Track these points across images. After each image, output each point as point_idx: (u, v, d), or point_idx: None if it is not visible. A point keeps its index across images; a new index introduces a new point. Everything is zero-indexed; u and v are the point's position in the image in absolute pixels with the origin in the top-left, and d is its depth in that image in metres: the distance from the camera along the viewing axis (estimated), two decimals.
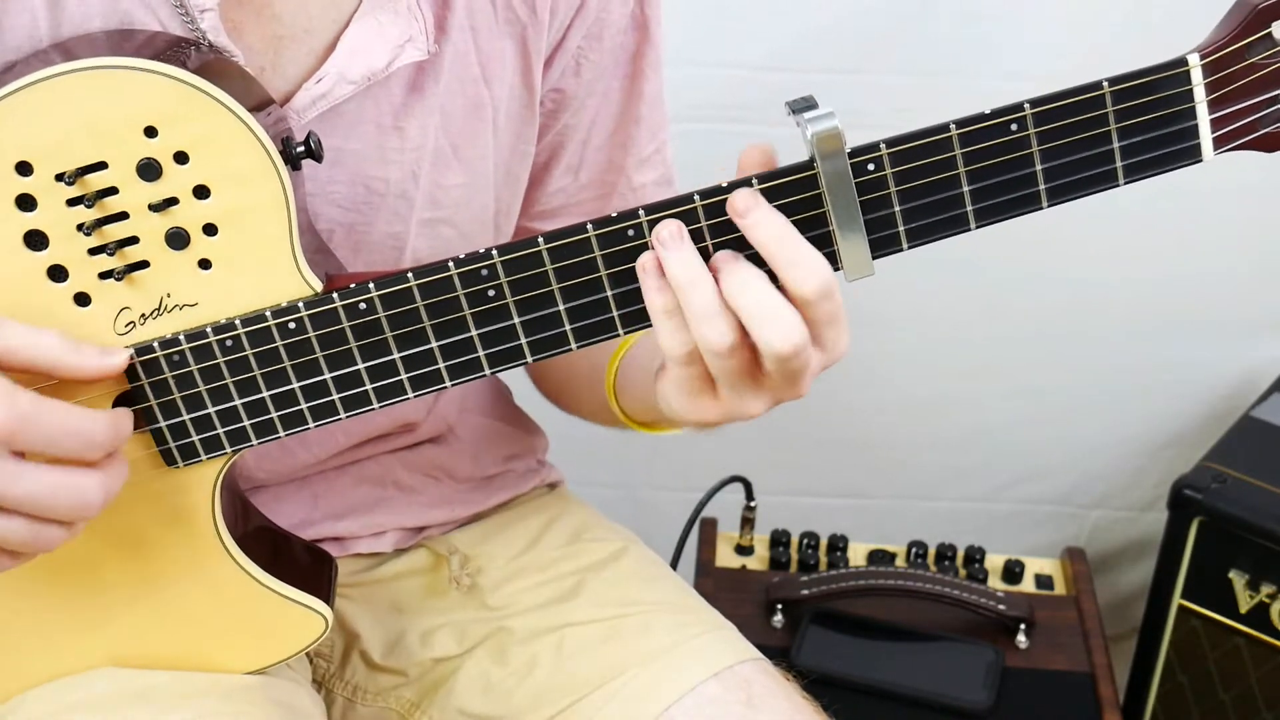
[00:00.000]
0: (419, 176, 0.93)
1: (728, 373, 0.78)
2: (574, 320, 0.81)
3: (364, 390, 0.82)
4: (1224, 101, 0.77)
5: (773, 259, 0.77)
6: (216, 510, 0.86)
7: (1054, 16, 1.55)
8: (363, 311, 0.80)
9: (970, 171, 0.77)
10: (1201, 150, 0.78)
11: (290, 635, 0.91)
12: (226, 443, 0.84)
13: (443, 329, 0.81)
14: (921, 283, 1.66)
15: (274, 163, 0.78)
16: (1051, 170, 0.77)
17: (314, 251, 0.83)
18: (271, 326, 0.80)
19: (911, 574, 1.50)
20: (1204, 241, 1.66)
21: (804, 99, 0.77)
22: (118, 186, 0.77)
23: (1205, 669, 1.53)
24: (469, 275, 0.79)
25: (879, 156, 0.76)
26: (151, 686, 0.90)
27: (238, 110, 0.76)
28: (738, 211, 0.76)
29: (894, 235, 0.78)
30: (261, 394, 0.82)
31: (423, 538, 1.10)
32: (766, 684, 0.96)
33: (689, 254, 0.77)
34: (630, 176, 1.04)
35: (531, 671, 0.99)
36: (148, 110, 0.76)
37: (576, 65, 0.99)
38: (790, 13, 1.55)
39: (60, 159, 0.76)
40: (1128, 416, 1.80)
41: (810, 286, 0.76)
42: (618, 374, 0.97)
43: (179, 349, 0.81)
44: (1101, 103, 0.76)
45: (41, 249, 0.78)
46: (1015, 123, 0.76)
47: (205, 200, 0.78)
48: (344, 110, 0.89)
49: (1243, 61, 0.76)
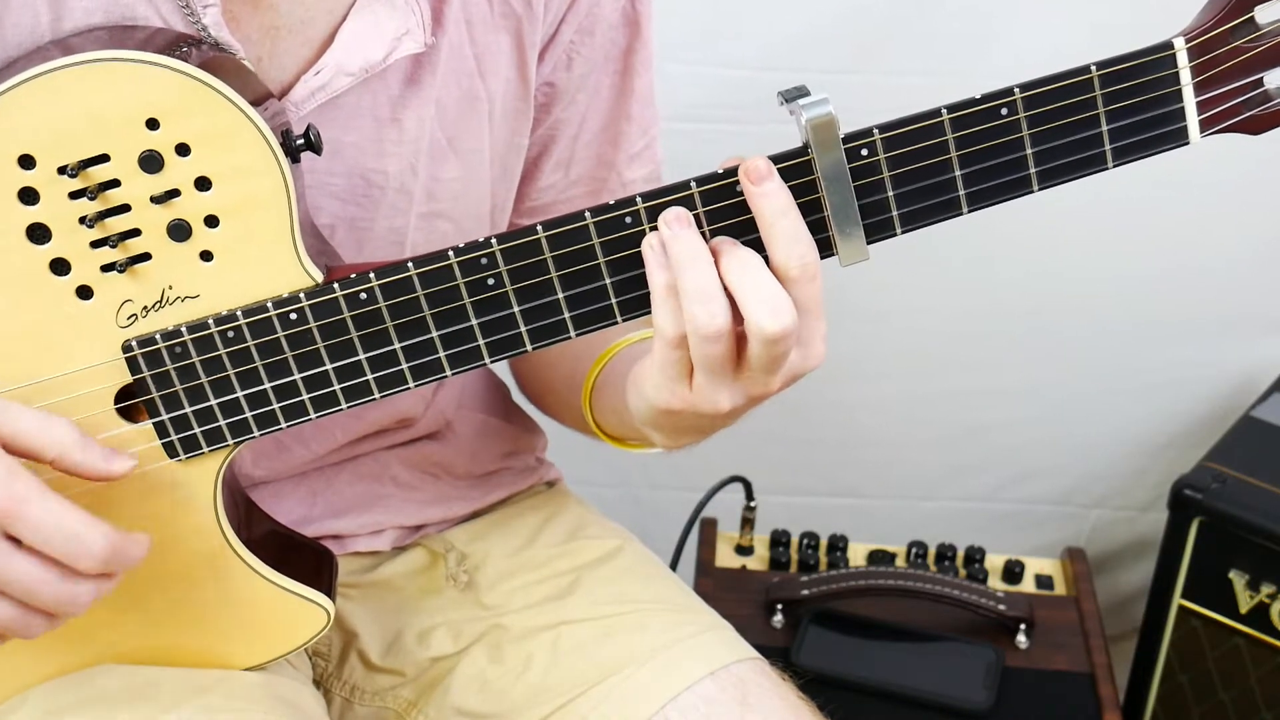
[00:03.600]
0: (417, 170, 0.94)
1: (709, 359, 0.78)
2: (573, 308, 0.81)
3: (365, 380, 0.83)
4: (1210, 84, 0.78)
5: (772, 231, 0.77)
6: (219, 503, 0.87)
7: (1053, 16, 1.55)
8: (363, 301, 0.81)
9: (962, 156, 0.78)
10: (1188, 132, 0.79)
11: (292, 630, 0.92)
12: (229, 434, 0.84)
13: (443, 318, 0.81)
14: (921, 282, 1.66)
15: (275, 155, 0.78)
16: (1041, 154, 0.78)
17: (314, 243, 0.84)
18: (273, 317, 0.81)
19: (911, 574, 1.50)
20: (1204, 241, 1.66)
21: (796, 88, 0.78)
22: (120, 179, 0.78)
23: (1205, 669, 1.53)
24: (469, 264, 0.80)
25: (872, 142, 0.77)
26: (155, 682, 0.90)
27: (239, 103, 0.77)
28: (753, 178, 0.77)
29: (888, 220, 0.79)
30: (263, 385, 0.83)
31: (420, 536, 1.11)
32: (762, 683, 0.96)
33: (691, 234, 0.78)
34: (620, 172, 1.05)
35: (527, 669, 0.99)
36: (149, 103, 0.76)
37: (568, 59, 0.99)
38: (787, 13, 1.55)
39: (62, 152, 0.77)
40: (1128, 416, 1.80)
41: (803, 264, 0.77)
42: (595, 385, 0.97)
43: (181, 341, 0.81)
44: (1089, 86, 0.77)
45: (44, 242, 0.79)
46: (1005, 107, 0.77)
47: (207, 192, 0.79)
48: (342, 103, 0.90)
49: (1227, 45, 0.77)
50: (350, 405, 0.84)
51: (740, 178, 0.78)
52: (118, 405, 0.84)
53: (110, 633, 0.90)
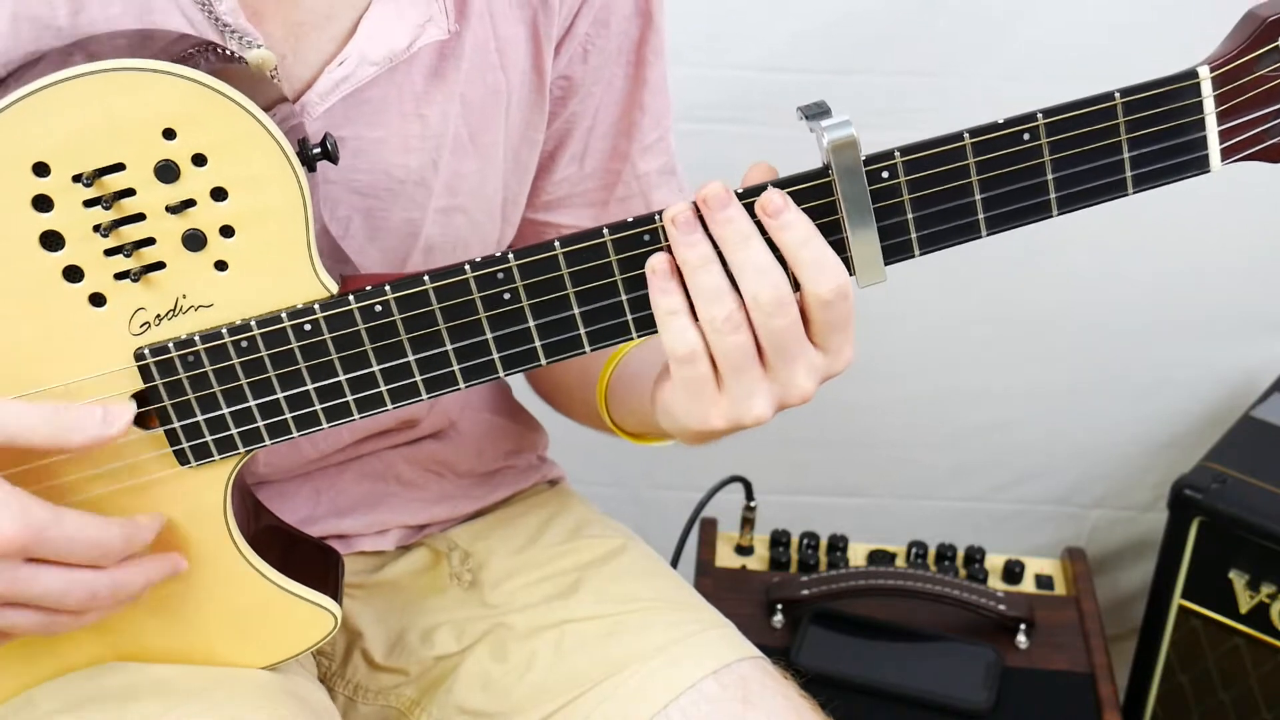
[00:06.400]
0: (439, 164, 0.94)
1: (731, 351, 0.79)
2: (588, 324, 0.81)
3: (378, 392, 0.83)
4: (1232, 113, 0.78)
5: (796, 260, 0.78)
6: (228, 509, 0.87)
7: (1052, 17, 1.55)
8: (378, 314, 0.80)
9: (983, 180, 0.78)
10: (1209, 161, 0.79)
11: (299, 633, 0.92)
12: (240, 443, 0.84)
13: (458, 331, 0.81)
14: (921, 282, 1.65)
15: (292, 165, 0.78)
16: (1062, 179, 0.78)
17: (328, 254, 0.84)
18: (287, 328, 0.81)
19: (911, 574, 1.50)
20: (1204, 241, 1.66)
21: (817, 104, 0.78)
22: (135, 188, 0.77)
23: (1205, 669, 1.53)
24: (485, 278, 0.80)
25: (893, 164, 0.77)
26: (163, 679, 0.90)
27: (256, 113, 0.76)
28: (769, 212, 0.78)
29: (906, 242, 0.79)
30: (276, 395, 0.83)
31: (424, 535, 1.11)
32: (764, 682, 0.97)
33: (699, 238, 0.78)
34: (635, 164, 1.05)
35: (531, 668, 1.00)
36: (167, 112, 0.76)
37: (584, 52, 0.99)
38: (790, 13, 1.55)
39: (78, 160, 0.76)
40: (1128, 416, 1.80)
41: (830, 288, 0.78)
42: (610, 383, 0.97)
43: (194, 350, 0.81)
44: (1113, 113, 0.77)
45: (58, 249, 0.78)
46: (1028, 132, 0.77)
47: (223, 202, 0.78)
48: (368, 98, 0.89)
49: (1252, 74, 0.77)
50: (363, 415, 0.84)
51: (757, 212, 0.78)
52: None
53: (117, 634, 0.90)
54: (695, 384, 0.81)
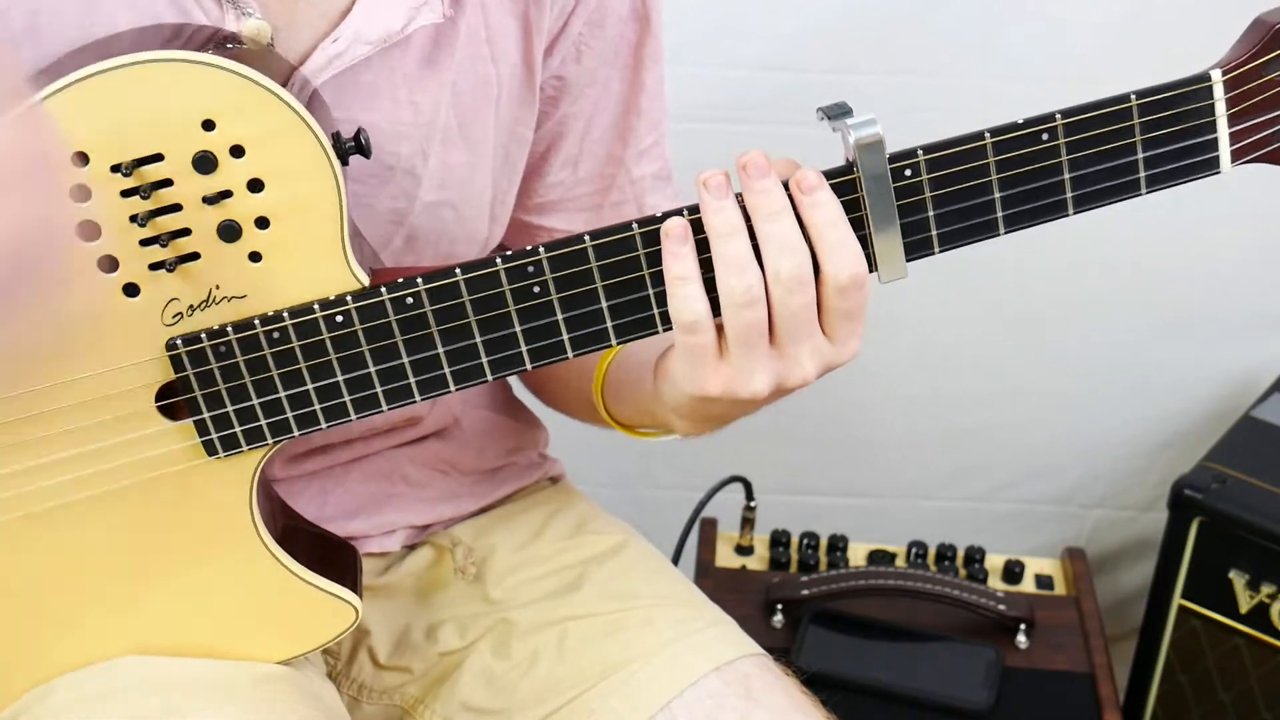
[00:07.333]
0: (428, 155, 0.94)
1: (744, 324, 0.79)
2: (615, 317, 0.82)
3: (407, 383, 0.84)
4: (1243, 116, 0.80)
5: (822, 240, 0.79)
6: (253, 501, 0.87)
7: (1052, 16, 1.55)
8: (409, 306, 0.81)
9: (1002, 179, 0.80)
10: (1220, 162, 0.81)
11: (320, 626, 0.92)
12: (269, 434, 0.85)
13: (487, 324, 0.82)
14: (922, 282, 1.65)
15: (329, 158, 0.79)
16: (1079, 179, 0.80)
17: (359, 246, 0.84)
18: (319, 319, 0.82)
19: (911, 574, 1.50)
20: (1204, 241, 1.66)
21: (838, 105, 0.80)
22: (172, 179, 0.78)
23: (1205, 669, 1.53)
24: (515, 271, 0.81)
25: (916, 163, 0.79)
26: (180, 674, 0.90)
27: (295, 106, 0.77)
28: (803, 188, 0.79)
29: (927, 239, 0.81)
30: (306, 386, 0.83)
31: (429, 534, 1.11)
32: (766, 679, 0.97)
33: (729, 204, 0.79)
34: (629, 169, 1.05)
35: (534, 665, 1.00)
36: (206, 104, 0.77)
37: (578, 52, 0.99)
38: (789, 12, 1.55)
39: (117, 150, 0.77)
40: (1128, 416, 1.79)
41: (851, 273, 0.79)
42: (607, 373, 0.98)
43: (226, 340, 0.82)
44: (1129, 114, 0.79)
45: (94, 239, 0.79)
46: (1047, 132, 0.79)
47: (259, 194, 0.79)
48: (361, 80, 0.89)
49: (1261, 78, 0.79)
50: (391, 407, 0.85)
51: (791, 188, 0.79)
52: (159, 402, 0.84)
53: (138, 625, 0.90)
54: (697, 351, 0.81)
